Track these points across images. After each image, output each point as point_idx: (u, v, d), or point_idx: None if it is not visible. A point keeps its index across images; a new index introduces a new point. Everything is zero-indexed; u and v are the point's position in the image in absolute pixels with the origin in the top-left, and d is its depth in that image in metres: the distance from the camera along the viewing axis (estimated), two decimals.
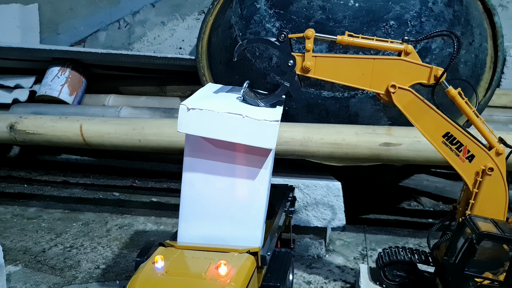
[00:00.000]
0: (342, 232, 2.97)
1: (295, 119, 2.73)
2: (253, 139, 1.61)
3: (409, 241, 2.85)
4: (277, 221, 2.03)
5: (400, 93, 1.70)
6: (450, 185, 3.01)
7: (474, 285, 1.65)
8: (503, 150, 1.71)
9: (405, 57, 1.69)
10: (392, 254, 2.03)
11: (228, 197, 1.73)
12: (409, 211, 3.37)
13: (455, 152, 1.74)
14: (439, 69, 1.68)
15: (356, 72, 1.70)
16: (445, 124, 1.71)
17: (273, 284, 1.87)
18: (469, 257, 1.63)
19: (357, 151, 2.42)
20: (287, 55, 1.70)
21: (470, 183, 1.75)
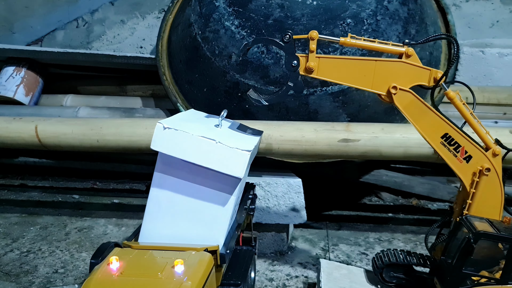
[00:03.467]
0: (304, 228, 3.00)
1: (255, 117, 2.73)
2: (222, 166, 1.63)
3: (370, 235, 2.91)
4: (238, 219, 2.03)
5: (401, 95, 1.73)
6: (408, 180, 3.09)
7: (471, 283, 1.70)
8: (500, 151, 1.73)
9: (406, 59, 1.73)
10: (388, 256, 2.05)
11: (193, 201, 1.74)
12: (370, 206, 3.44)
13: (453, 153, 1.75)
14: (439, 71, 1.72)
15: (358, 73, 1.74)
16: (443, 125, 1.73)
17: (233, 282, 1.87)
18: (467, 256, 1.66)
19: (317, 148, 2.45)
20: (291, 56, 1.72)
21: (468, 183, 1.77)
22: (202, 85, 2.94)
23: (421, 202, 3.43)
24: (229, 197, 1.71)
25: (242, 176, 1.63)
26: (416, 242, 2.80)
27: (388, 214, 3.27)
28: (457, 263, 1.69)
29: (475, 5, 3.71)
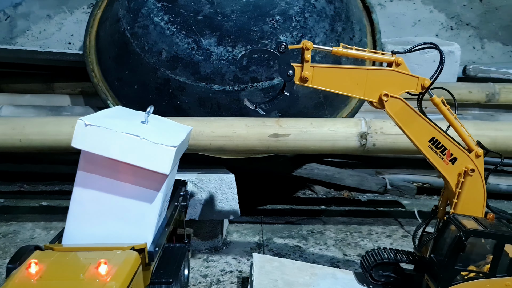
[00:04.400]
0: (239, 224, 3.02)
1: (187, 114, 2.71)
2: (148, 162, 1.61)
3: (303, 228, 2.98)
4: (169, 216, 2.01)
5: (392, 102, 1.79)
6: (338, 172, 3.19)
7: (462, 278, 1.77)
8: (482, 153, 1.83)
9: (396, 68, 1.78)
10: (377, 256, 2.09)
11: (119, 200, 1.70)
12: (304, 200, 3.52)
13: (439, 156, 1.83)
14: (426, 79, 1.79)
15: (351, 82, 1.78)
16: (431, 129, 1.81)
17: (165, 280, 1.85)
18: (458, 253, 1.74)
19: (248, 143, 2.47)
20: (287, 66, 1.74)
21: (453, 184, 1.85)
22: (132, 82, 2.87)
23: (352, 194, 3.57)
24: (156, 194, 1.69)
25: (168, 172, 1.62)
26: (346, 233, 2.91)
27: (321, 206, 3.37)
28: (449, 261, 1.76)
29: (398, 5, 3.90)
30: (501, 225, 1.80)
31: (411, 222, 3.04)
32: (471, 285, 1.75)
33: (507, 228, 1.77)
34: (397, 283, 2.08)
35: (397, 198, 3.48)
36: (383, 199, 3.51)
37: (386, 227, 3.00)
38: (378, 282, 2.10)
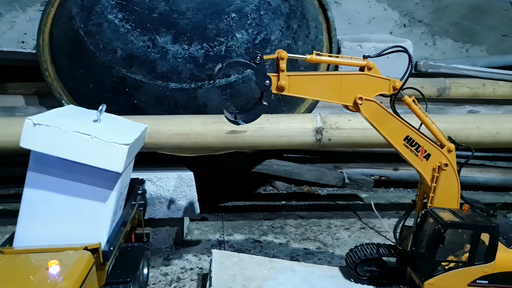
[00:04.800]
0: (200, 221, 3.02)
1: (145, 112, 2.69)
2: (100, 161, 1.59)
3: (264, 223, 3.01)
4: (125, 215, 2.00)
5: (367, 104, 1.84)
6: (298, 168, 3.23)
7: (442, 269, 1.82)
8: (453, 148, 1.91)
9: (368, 71, 1.84)
10: (361, 252, 2.14)
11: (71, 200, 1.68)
12: (264, 196, 3.56)
13: (414, 153, 1.90)
14: (397, 81, 1.85)
15: (326, 88, 1.83)
16: (405, 129, 1.88)
17: (122, 279, 1.84)
18: (438, 245, 1.79)
19: (206, 140, 2.48)
20: (264, 76, 1.76)
21: (429, 179, 1.91)
22: (87, 81, 2.83)
23: (312, 189, 3.63)
24: (110, 193, 1.67)
25: (121, 171, 1.61)
26: (306, 227, 2.96)
27: (281, 202, 3.41)
28: (429, 253, 1.82)
29: (354, 2, 3.99)
30: (476, 215, 1.87)
31: (369, 215, 3.13)
32: (452, 275, 1.82)
33: (482, 218, 1.85)
34: (381, 277, 2.14)
35: (355, 191, 3.56)
36: (342, 193, 3.59)
37: (345, 220, 3.07)
38: (363, 277, 2.16)
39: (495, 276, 1.81)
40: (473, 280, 1.82)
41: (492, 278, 1.81)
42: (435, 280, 1.82)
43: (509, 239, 1.87)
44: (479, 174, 3.50)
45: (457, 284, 1.82)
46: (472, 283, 1.82)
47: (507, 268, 1.81)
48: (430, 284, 1.82)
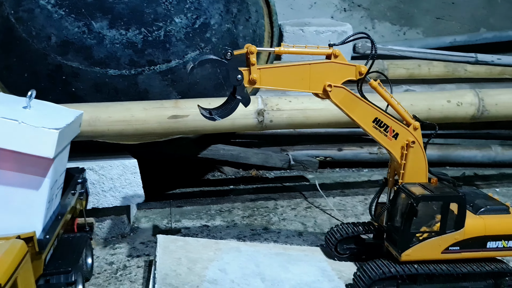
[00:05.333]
0: (148, 209, 3.00)
1: (84, 100, 2.62)
2: (29, 147, 1.55)
3: (212, 208, 3.03)
4: (63, 204, 1.96)
5: (336, 91, 1.90)
6: (244, 152, 3.26)
7: (417, 239, 1.91)
8: (418, 125, 1.99)
9: (334, 59, 1.89)
10: (339, 232, 2.23)
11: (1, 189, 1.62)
12: (213, 181, 3.57)
13: (383, 133, 1.97)
14: (362, 66, 1.91)
15: (296, 78, 1.87)
16: (373, 111, 1.94)
17: (63, 269, 1.82)
18: (412, 218, 1.87)
19: (147, 126, 2.46)
20: (235, 71, 1.80)
21: (398, 157, 1.99)
22: (21, 70, 2.71)
23: (260, 173, 3.68)
24: (43, 180, 1.63)
25: (53, 156, 1.57)
26: (253, 209, 3.00)
27: (229, 186, 3.44)
28: (404, 226, 1.90)
29: None
30: (444, 187, 1.98)
31: (314, 195, 3.21)
32: (426, 244, 1.91)
33: (450, 189, 1.96)
34: (360, 253, 2.25)
35: (301, 173, 3.64)
36: (289, 175, 3.66)
37: (291, 201, 3.13)
38: (343, 255, 2.26)
39: (465, 241, 1.93)
40: (446, 248, 1.93)
41: (462, 244, 1.93)
42: (411, 251, 1.91)
43: (476, 206, 2.00)
44: None
45: (431, 253, 1.93)
46: (445, 251, 1.93)
47: (476, 233, 1.94)
48: (407, 255, 1.91)
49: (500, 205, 2.03)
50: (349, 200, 3.14)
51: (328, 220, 2.83)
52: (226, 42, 2.82)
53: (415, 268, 1.91)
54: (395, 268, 1.90)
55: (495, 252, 1.98)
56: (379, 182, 2.17)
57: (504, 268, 1.98)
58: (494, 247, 1.97)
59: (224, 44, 2.82)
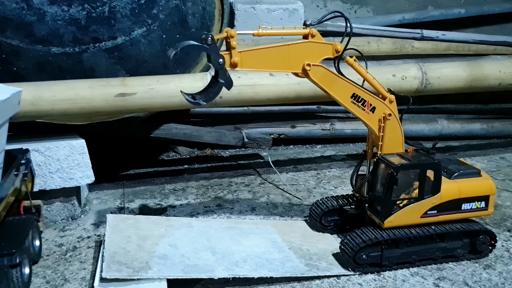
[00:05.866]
0: (100, 190, 2.96)
1: (26, 80, 2.52)
2: None
3: (165, 187, 3.01)
4: (4, 186, 1.90)
5: (314, 69, 1.94)
6: (197, 130, 3.25)
7: (398, 207, 2.01)
8: (394, 98, 2.06)
9: (311, 39, 1.94)
10: (323, 205, 2.33)
11: None
12: (167, 161, 3.55)
13: (361, 108, 2.03)
14: (338, 44, 1.97)
15: (276, 59, 1.91)
16: (350, 87, 2.00)
17: (7, 252, 1.78)
18: (392, 187, 1.97)
19: (93, 105, 2.40)
20: (217, 55, 1.82)
21: (376, 129, 2.07)
22: None
23: (215, 152, 3.68)
24: None
25: None
26: (207, 187, 3.01)
27: (184, 166, 3.43)
28: (386, 194, 1.99)
29: None
30: (421, 155, 2.09)
31: (268, 171, 3.25)
32: (406, 210, 2.03)
33: (426, 157, 2.07)
34: (343, 224, 2.36)
35: (256, 150, 3.66)
36: (244, 153, 3.68)
37: (245, 178, 3.16)
38: (328, 227, 2.36)
39: (442, 205, 2.06)
40: (425, 212, 2.05)
41: (439, 208, 2.06)
42: (393, 218, 2.01)
43: (449, 171, 2.13)
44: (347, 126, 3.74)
45: (411, 218, 2.04)
46: (424, 215, 2.05)
47: (451, 197, 2.07)
48: (389, 221, 2.01)
49: (472, 169, 2.17)
50: (302, 175, 3.19)
51: (280, 195, 2.87)
52: (174, 19, 2.79)
53: (398, 233, 2.02)
54: (379, 234, 2.01)
55: (469, 213, 2.13)
56: (361, 153, 2.25)
57: (478, 227, 2.12)
58: (468, 208, 2.11)
59: (172, 20, 2.78)
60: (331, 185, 3.02)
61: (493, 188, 2.14)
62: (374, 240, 1.98)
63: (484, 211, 2.14)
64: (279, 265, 2.02)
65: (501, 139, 3.94)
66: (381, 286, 1.97)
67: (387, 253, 2.03)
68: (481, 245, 2.13)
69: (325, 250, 2.19)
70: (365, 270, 2.04)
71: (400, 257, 2.06)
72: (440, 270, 2.08)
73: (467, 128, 3.80)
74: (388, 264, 2.05)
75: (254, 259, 2.04)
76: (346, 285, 1.97)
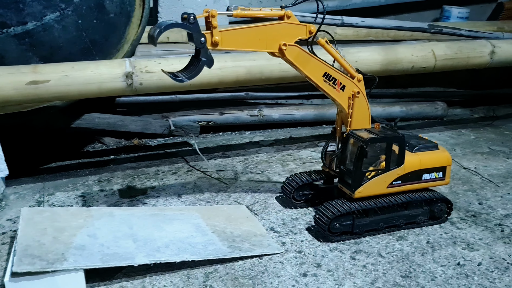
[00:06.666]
0: (18, 185, 2.82)
1: None
2: None
3: (89, 179, 2.92)
4: None
5: (290, 49, 2.04)
6: (121, 119, 3.16)
7: (367, 178, 2.16)
8: (361, 77, 2.20)
9: (287, 20, 2.02)
10: (294, 181, 2.45)
11: None
12: (93, 153, 3.44)
13: (332, 86, 2.15)
14: (312, 25, 2.06)
15: (254, 39, 1.99)
16: (322, 66, 2.12)
17: None
18: (362, 159, 2.12)
19: (3, 94, 2.28)
20: (198, 34, 1.87)
21: (346, 106, 2.21)
22: None
23: (143, 141, 3.61)
24: None
25: None
26: (134, 176, 2.95)
27: (110, 156, 3.34)
28: (356, 167, 2.14)
29: None
30: (386, 130, 2.23)
31: (196, 158, 3.23)
32: (375, 181, 2.18)
33: (391, 132, 2.22)
34: (314, 198, 2.51)
35: (185, 139, 3.64)
36: (173, 142, 3.64)
37: (173, 166, 3.13)
38: (300, 201, 2.50)
39: (406, 176, 2.23)
40: (391, 183, 2.22)
41: (403, 178, 2.23)
42: (362, 188, 2.17)
43: (411, 145, 2.31)
44: (296, 112, 3.83)
45: (379, 188, 2.21)
46: (390, 185, 2.22)
47: (413, 168, 2.24)
48: (359, 192, 2.17)
49: (430, 143, 2.35)
50: (230, 161, 3.21)
51: (208, 181, 2.88)
52: (90, 4, 2.69)
53: (367, 203, 2.18)
54: (351, 205, 2.16)
55: (428, 182, 2.31)
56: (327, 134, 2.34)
57: (436, 195, 2.31)
58: (428, 178, 2.29)
59: (88, 5, 2.69)
60: (258, 169, 3.07)
61: (450, 160, 2.33)
62: (347, 210, 2.14)
63: (442, 181, 2.33)
64: (201, 248, 2.02)
65: (418, 120, 4.18)
66: (301, 263, 2.03)
67: (358, 221, 2.19)
68: (439, 212, 2.34)
69: (249, 231, 2.23)
70: (339, 238, 2.19)
71: (369, 224, 2.22)
72: (357, 244, 2.18)
73: (388, 110, 3.98)
74: (359, 231, 2.21)
75: (177, 244, 2.03)
76: (268, 264, 2.02)
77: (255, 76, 2.73)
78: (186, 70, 2.01)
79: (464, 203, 2.60)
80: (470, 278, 1.93)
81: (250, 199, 2.62)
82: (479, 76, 4.52)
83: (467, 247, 2.16)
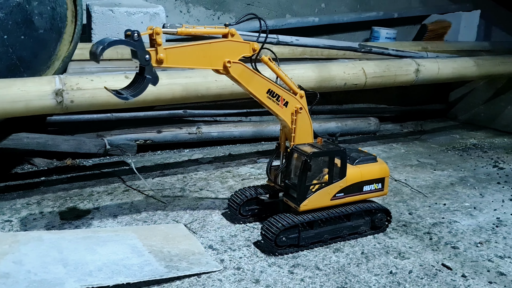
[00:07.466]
0: None
1: None
2: None
3: (17, 202, 2.76)
4: None
5: (234, 66, 2.06)
6: (52, 139, 3.02)
7: (311, 191, 2.21)
8: (303, 93, 2.25)
9: (231, 38, 2.06)
10: (241, 196, 2.46)
11: None
12: (22, 175, 3.26)
13: (276, 103, 2.20)
14: (255, 43, 2.11)
15: (199, 56, 2.00)
16: (266, 83, 2.16)
17: None
18: (306, 173, 2.16)
19: None
20: (143, 51, 1.85)
21: (289, 122, 2.25)
22: None
23: (77, 161, 3.48)
24: None
25: None
26: (66, 198, 2.83)
27: (40, 178, 3.18)
28: (300, 181, 2.18)
29: None
30: (329, 144, 2.30)
31: (133, 178, 3.16)
32: (319, 194, 2.23)
33: (333, 146, 2.29)
34: (261, 212, 2.52)
35: (122, 158, 3.55)
36: (109, 161, 3.53)
37: (109, 186, 3.03)
38: (246, 216, 2.50)
39: (348, 188, 2.30)
40: (334, 195, 2.28)
41: (346, 190, 2.30)
42: (307, 201, 2.22)
43: (352, 158, 2.39)
44: (234, 129, 3.86)
45: (323, 201, 2.26)
46: (333, 197, 2.28)
47: (355, 180, 2.32)
48: (305, 205, 2.21)
49: (370, 156, 2.44)
50: (168, 179, 3.16)
51: (145, 201, 2.81)
52: (17, 19, 2.59)
53: (312, 216, 2.22)
54: (296, 218, 2.19)
55: (369, 194, 2.40)
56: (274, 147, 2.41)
57: (376, 206, 2.40)
58: (368, 190, 2.38)
59: (15, 20, 2.58)
60: (197, 187, 3.04)
61: (388, 171, 2.43)
62: (293, 223, 2.16)
63: (381, 192, 2.43)
64: (137, 270, 1.96)
65: (353, 135, 4.34)
66: (240, 279, 2.02)
67: (304, 234, 2.22)
68: (380, 221, 2.42)
69: (187, 250, 2.19)
70: (285, 251, 2.21)
71: (315, 236, 2.26)
72: (295, 258, 2.20)
73: (324, 126, 4.11)
74: (305, 244, 2.24)
75: (111, 267, 1.96)
76: (207, 283, 1.99)
77: (192, 94, 2.73)
78: (130, 88, 1.97)
79: (395, 213, 2.72)
80: (402, 286, 2.01)
81: (188, 217, 2.59)
82: (408, 93, 4.78)
83: (399, 256, 2.25)
